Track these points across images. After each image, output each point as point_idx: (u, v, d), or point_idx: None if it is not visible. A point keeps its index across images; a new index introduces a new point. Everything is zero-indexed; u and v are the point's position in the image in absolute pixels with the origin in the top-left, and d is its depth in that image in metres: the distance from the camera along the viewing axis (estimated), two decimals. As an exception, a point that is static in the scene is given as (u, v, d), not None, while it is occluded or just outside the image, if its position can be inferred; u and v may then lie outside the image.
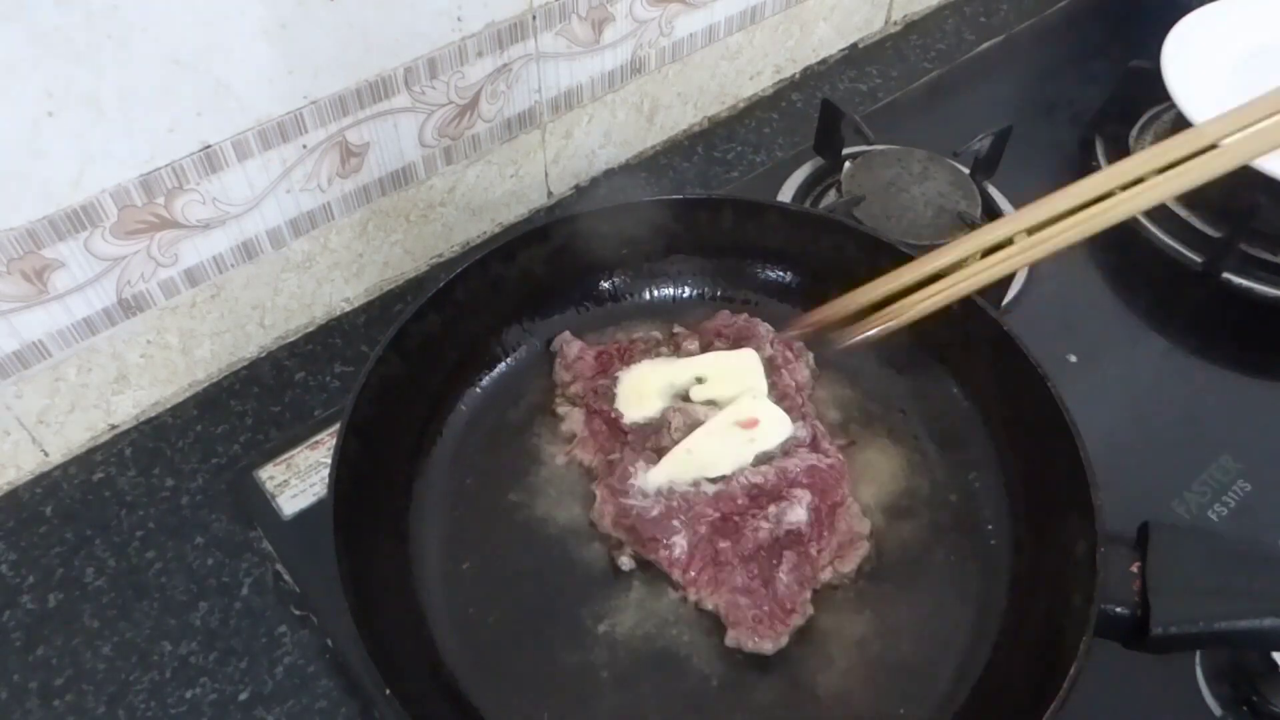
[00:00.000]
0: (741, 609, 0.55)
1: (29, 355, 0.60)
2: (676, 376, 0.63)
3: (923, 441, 0.64)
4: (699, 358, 0.65)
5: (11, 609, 0.60)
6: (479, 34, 0.67)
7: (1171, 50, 0.77)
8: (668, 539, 0.57)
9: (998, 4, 1.04)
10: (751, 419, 0.60)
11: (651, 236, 0.68)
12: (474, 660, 0.55)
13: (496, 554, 0.59)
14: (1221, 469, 0.66)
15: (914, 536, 0.60)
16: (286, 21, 0.58)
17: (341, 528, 0.52)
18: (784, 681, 0.55)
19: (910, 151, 0.80)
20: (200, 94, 0.57)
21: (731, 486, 0.58)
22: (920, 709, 0.54)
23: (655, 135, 0.88)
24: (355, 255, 0.73)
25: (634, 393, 0.63)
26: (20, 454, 0.65)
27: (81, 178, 0.55)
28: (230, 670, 0.58)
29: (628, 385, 0.63)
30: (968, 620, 0.57)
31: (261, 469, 0.65)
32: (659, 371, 0.64)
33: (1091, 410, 0.57)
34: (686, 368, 0.64)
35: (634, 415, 0.62)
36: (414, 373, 0.61)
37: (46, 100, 0.52)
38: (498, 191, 0.78)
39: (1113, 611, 0.50)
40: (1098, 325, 0.76)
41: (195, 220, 0.62)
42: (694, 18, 0.80)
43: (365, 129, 0.66)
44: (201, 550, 0.63)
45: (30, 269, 0.57)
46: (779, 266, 0.70)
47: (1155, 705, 0.57)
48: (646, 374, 0.64)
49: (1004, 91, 0.94)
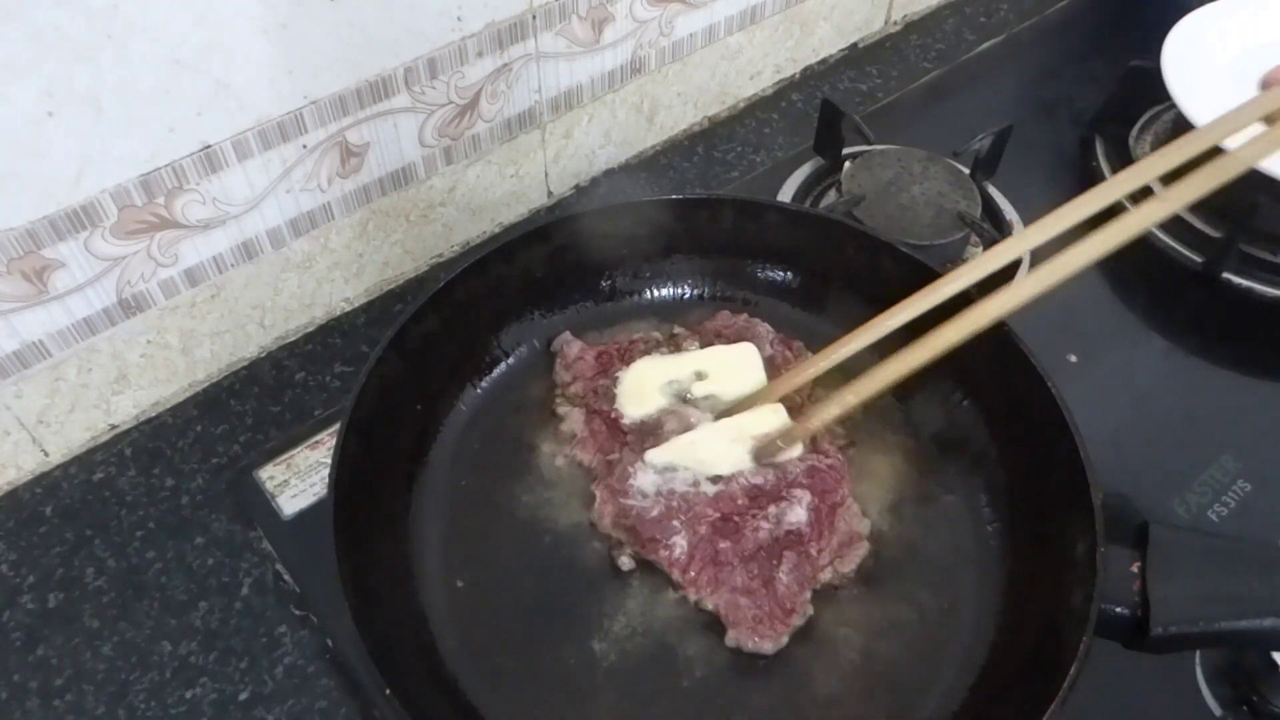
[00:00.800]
0: (741, 609, 0.55)
1: (29, 355, 0.60)
2: (677, 372, 0.63)
3: (923, 441, 0.64)
4: (699, 353, 0.65)
5: (11, 609, 0.60)
6: (479, 34, 0.67)
7: (1171, 50, 0.77)
8: (668, 539, 0.57)
9: (998, 4, 1.04)
10: (767, 435, 0.59)
11: (651, 236, 0.68)
12: (474, 660, 0.55)
13: (496, 554, 0.59)
14: (1221, 469, 0.66)
15: (913, 536, 0.60)
16: (286, 21, 0.58)
17: (341, 528, 0.52)
18: (784, 682, 0.55)
19: (910, 151, 0.80)
20: (200, 94, 0.57)
21: (731, 487, 0.58)
22: (920, 709, 0.54)
23: (655, 135, 0.88)
24: (355, 255, 0.73)
25: (635, 390, 0.63)
26: (20, 454, 0.65)
27: (81, 178, 0.56)
28: (230, 670, 0.58)
29: (629, 383, 0.63)
30: (967, 620, 0.57)
31: (261, 469, 0.65)
32: (659, 368, 0.64)
33: (1091, 410, 0.57)
34: (687, 363, 0.64)
35: (635, 413, 0.62)
36: (414, 373, 0.61)
37: (46, 100, 0.52)
38: (498, 191, 0.78)
39: (1113, 611, 0.50)
40: (1098, 325, 0.76)
41: (195, 220, 0.62)
42: (694, 18, 0.80)
43: (365, 129, 0.66)
44: (201, 550, 0.63)
45: (30, 269, 0.57)
46: (779, 266, 0.70)
47: (1155, 705, 0.57)
48: (647, 371, 0.64)
49: (1004, 91, 0.94)
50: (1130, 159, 0.83)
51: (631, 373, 0.64)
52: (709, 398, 0.63)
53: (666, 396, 0.62)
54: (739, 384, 0.63)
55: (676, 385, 0.63)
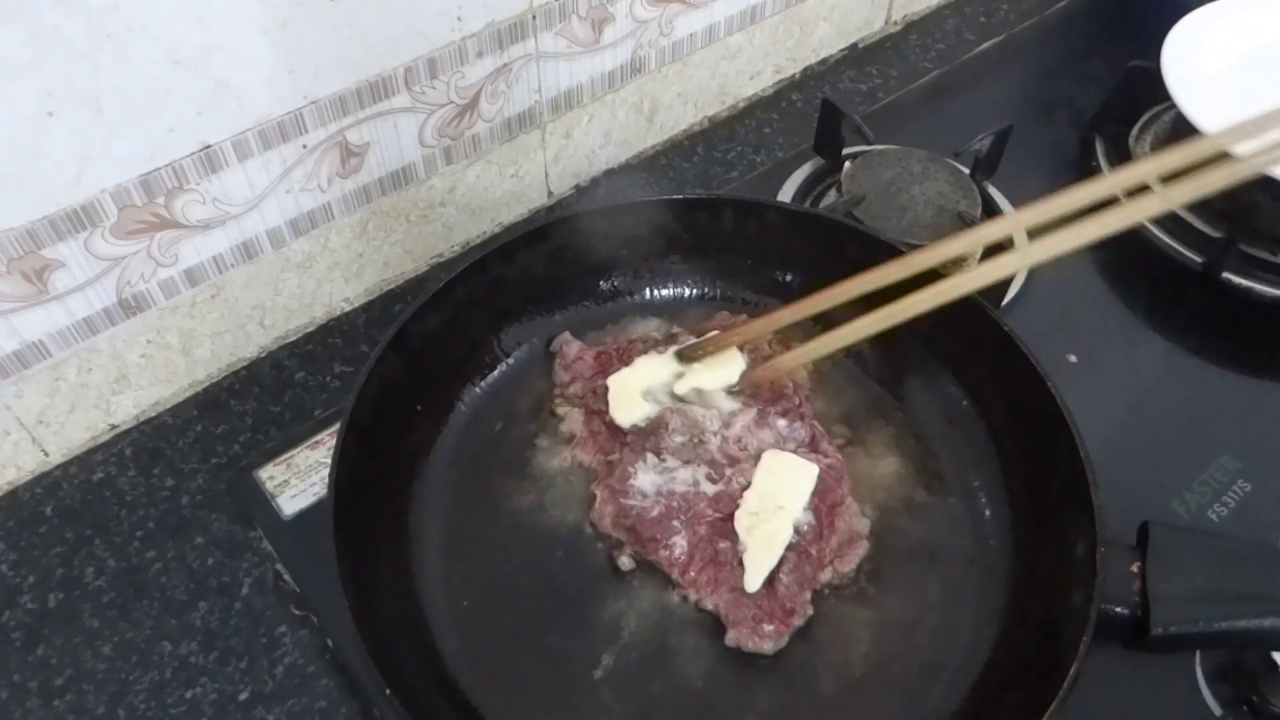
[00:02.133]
0: (741, 609, 0.55)
1: (29, 355, 0.60)
2: (657, 375, 0.64)
3: (923, 441, 0.64)
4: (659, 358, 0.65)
5: (11, 609, 0.60)
6: (479, 34, 0.67)
7: (1171, 50, 0.77)
8: (668, 539, 0.57)
9: (998, 4, 1.04)
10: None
11: (651, 236, 0.68)
12: (474, 660, 0.55)
13: (496, 554, 0.59)
14: (1221, 469, 0.66)
15: (913, 536, 0.60)
16: (286, 21, 0.58)
17: (341, 528, 0.52)
18: (784, 681, 0.55)
19: (910, 151, 0.80)
20: (200, 94, 0.57)
21: (731, 487, 0.58)
22: (920, 709, 0.54)
23: (655, 135, 0.88)
24: (355, 255, 0.73)
25: (621, 399, 0.63)
26: (20, 454, 0.65)
27: (81, 178, 0.55)
28: (230, 670, 0.58)
29: (615, 392, 0.63)
30: (967, 620, 0.57)
31: (261, 469, 0.65)
32: (640, 374, 0.64)
33: (1091, 410, 0.57)
34: (666, 364, 0.64)
35: (626, 419, 0.62)
36: (414, 373, 0.61)
37: (46, 100, 0.52)
38: (498, 191, 0.78)
39: (1113, 611, 0.50)
40: (1098, 325, 0.76)
41: (195, 220, 0.62)
42: (694, 18, 0.80)
43: (365, 129, 0.66)
44: (201, 550, 0.63)
45: (30, 269, 0.57)
46: (779, 266, 0.70)
47: (1155, 705, 0.57)
48: (628, 379, 0.64)
49: (1004, 91, 0.94)
50: (1130, 159, 0.83)
51: (615, 382, 0.64)
52: (694, 391, 0.63)
53: (651, 400, 0.63)
54: (721, 375, 0.63)
55: (660, 386, 0.63)
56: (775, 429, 0.62)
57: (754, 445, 0.61)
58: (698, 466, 0.60)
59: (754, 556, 0.56)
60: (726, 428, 0.61)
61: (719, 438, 0.61)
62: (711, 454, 0.60)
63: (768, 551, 0.56)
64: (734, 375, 0.63)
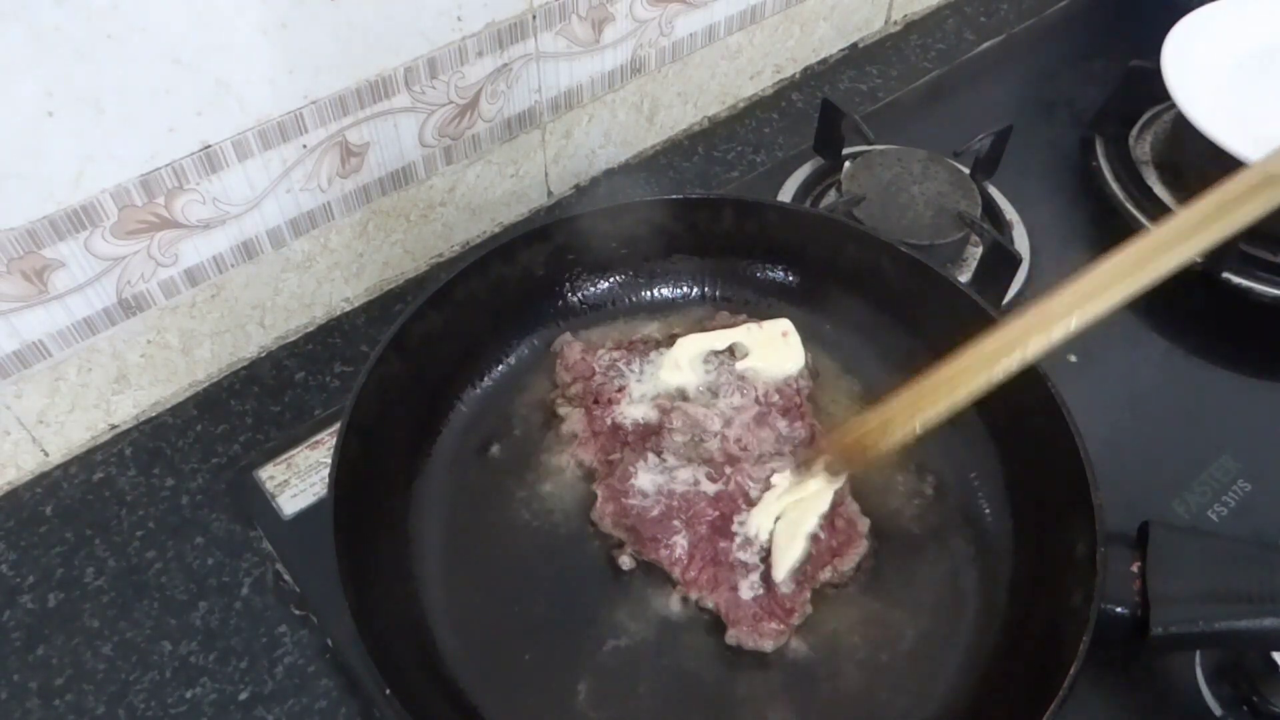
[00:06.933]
0: (741, 608, 0.55)
1: (29, 355, 0.60)
2: (716, 345, 0.65)
3: (922, 441, 0.64)
4: (737, 329, 0.66)
5: (11, 609, 0.60)
6: (479, 34, 0.67)
7: (1171, 50, 0.77)
8: (668, 539, 0.57)
9: (998, 4, 1.04)
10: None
11: (651, 236, 0.68)
12: (474, 660, 0.55)
13: (496, 554, 0.59)
14: (1221, 469, 0.66)
15: (913, 536, 0.60)
16: (286, 21, 0.58)
17: (341, 528, 0.52)
18: (784, 680, 0.55)
19: (910, 151, 0.80)
20: (200, 94, 0.57)
21: (731, 487, 0.58)
22: (920, 708, 0.54)
23: (655, 135, 0.88)
24: (355, 255, 0.73)
25: (675, 360, 0.64)
26: (20, 454, 0.65)
27: (81, 177, 0.55)
28: (230, 670, 0.58)
29: (672, 355, 0.64)
30: (968, 620, 0.57)
31: (261, 469, 0.65)
32: (700, 342, 0.65)
33: (1091, 410, 0.57)
34: (725, 338, 0.65)
35: (671, 380, 0.63)
36: (414, 373, 0.61)
37: (46, 100, 0.52)
38: (498, 191, 0.78)
39: (1113, 611, 0.50)
40: (1098, 325, 0.75)
41: (195, 220, 0.62)
42: (694, 17, 0.80)
43: (365, 129, 0.66)
44: (201, 550, 0.63)
45: (30, 269, 0.57)
46: (779, 266, 0.71)
47: (1155, 705, 0.57)
48: (689, 344, 0.65)
49: (1004, 91, 0.94)
50: (1130, 159, 0.83)
51: (677, 346, 0.65)
52: (750, 371, 0.64)
53: (700, 371, 0.64)
54: (779, 359, 0.64)
55: (716, 359, 0.64)
56: (775, 429, 0.62)
57: (754, 445, 0.61)
58: (698, 466, 0.60)
59: (780, 547, 0.56)
60: (727, 427, 0.62)
61: (719, 437, 0.61)
62: (712, 454, 0.61)
63: (793, 542, 0.56)
64: (795, 364, 0.64)
